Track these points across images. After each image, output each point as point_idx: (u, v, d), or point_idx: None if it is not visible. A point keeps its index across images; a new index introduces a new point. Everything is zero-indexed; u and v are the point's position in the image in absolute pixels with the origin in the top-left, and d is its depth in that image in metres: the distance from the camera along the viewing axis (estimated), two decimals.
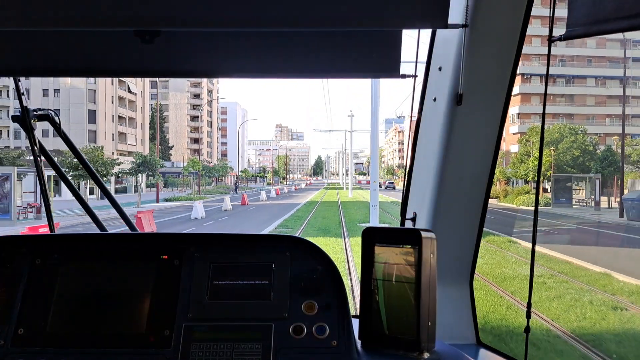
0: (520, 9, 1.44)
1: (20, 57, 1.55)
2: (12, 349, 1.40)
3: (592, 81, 64.48)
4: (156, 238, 1.60)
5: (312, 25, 1.33)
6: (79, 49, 1.53)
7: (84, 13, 1.25)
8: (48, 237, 1.61)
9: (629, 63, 61.20)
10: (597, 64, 63.16)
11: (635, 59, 61.75)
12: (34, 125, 1.80)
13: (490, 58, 1.49)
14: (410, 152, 1.76)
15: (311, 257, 1.52)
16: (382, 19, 1.28)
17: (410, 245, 1.33)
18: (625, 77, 43.90)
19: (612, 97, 63.57)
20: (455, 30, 1.48)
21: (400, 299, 1.35)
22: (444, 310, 1.58)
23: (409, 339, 1.33)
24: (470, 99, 1.50)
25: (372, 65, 1.52)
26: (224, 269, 1.50)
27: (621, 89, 62.58)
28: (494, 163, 1.59)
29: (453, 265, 1.68)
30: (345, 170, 75.65)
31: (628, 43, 59.10)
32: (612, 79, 63.07)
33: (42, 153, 1.86)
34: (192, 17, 1.26)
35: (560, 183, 32.33)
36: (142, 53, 1.50)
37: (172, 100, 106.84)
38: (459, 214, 1.63)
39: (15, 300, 1.46)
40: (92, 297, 1.47)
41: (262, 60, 1.52)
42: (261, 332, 1.41)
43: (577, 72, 59.38)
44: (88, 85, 66.73)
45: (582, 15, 1.24)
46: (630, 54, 59.82)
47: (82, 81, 66.85)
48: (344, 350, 1.40)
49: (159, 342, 1.40)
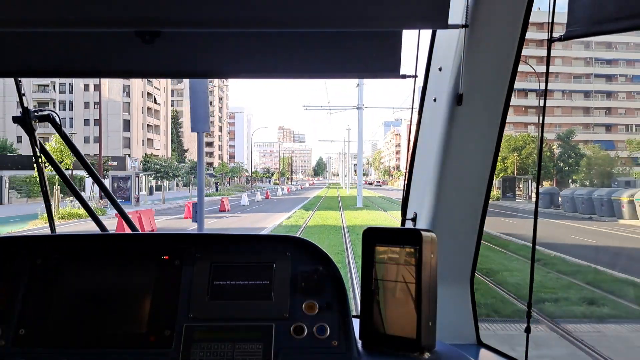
0: (520, 9, 1.40)
1: (20, 58, 1.51)
2: (13, 349, 1.35)
3: (559, 94, 74.01)
4: (157, 238, 1.55)
5: (312, 26, 1.31)
6: (79, 49, 1.48)
7: (84, 14, 1.22)
8: (48, 237, 1.55)
9: (591, 78, 71.96)
10: (563, 79, 73.17)
11: (597, 75, 72.47)
12: (34, 125, 1.74)
13: (490, 58, 1.45)
14: (410, 152, 1.72)
15: (312, 257, 1.48)
16: (382, 19, 1.25)
17: (410, 246, 1.31)
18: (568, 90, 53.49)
19: (576, 108, 73.38)
20: (456, 31, 1.44)
21: (401, 299, 1.32)
22: (444, 310, 1.52)
23: (409, 339, 1.29)
24: (471, 99, 1.47)
25: (372, 66, 1.49)
26: (225, 269, 1.46)
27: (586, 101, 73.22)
28: (494, 163, 1.55)
29: (453, 265, 1.64)
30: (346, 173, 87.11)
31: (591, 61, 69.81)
32: (576, 92, 73.59)
33: (42, 153, 1.80)
34: (193, 18, 1.24)
35: (507, 182, 42.27)
36: (143, 54, 1.46)
37: (187, 107, 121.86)
38: (460, 214, 1.59)
39: (16, 300, 1.41)
40: (92, 297, 1.42)
41: (262, 60, 1.49)
42: (262, 332, 1.37)
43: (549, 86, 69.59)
44: (123, 98, 71.00)
45: (582, 15, 1.23)
46: (593, 71, 70.54)
47: (118, 94, 74.40)
48: (345, 351, 1.36)
49: (159, 343, 1.36)
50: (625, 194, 23.89)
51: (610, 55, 68.74)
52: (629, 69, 68.79)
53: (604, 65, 68.20)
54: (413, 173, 1.71)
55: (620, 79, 68.84)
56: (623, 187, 28.29)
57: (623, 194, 24.16)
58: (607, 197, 24.39)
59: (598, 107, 67.06)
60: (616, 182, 34.12)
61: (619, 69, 68.65)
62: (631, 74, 68.88)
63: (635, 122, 65.13)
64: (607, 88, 68.10)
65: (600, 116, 66.39)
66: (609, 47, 69.14)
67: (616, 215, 23.20)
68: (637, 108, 69.63)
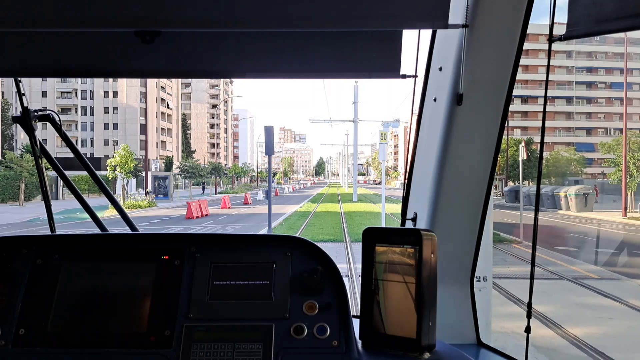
0: (520, 9, 1.37)
1: (20, 58, 1.48)
2: (13, 349, 1.33)
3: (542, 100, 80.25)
4: (157, 238, 1.51)
5: (313, 26, 1.28)
6: (79, 49, 1.45)
7: (85, 14, 1.20)
8: (48, 237, 1.51)
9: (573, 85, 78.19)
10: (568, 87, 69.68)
11: (578, 82, 78.65)
12: (34, 125, 1.71)
13: (490, 58, 1.42)
14: (410, 152, 1.69)
15: (312, 257, 1.45)
16: (382, 19, 1.23)
17: (410, 245, 1.30)
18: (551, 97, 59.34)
19: (559, 113, 72.51)
20: (456, 31, 1.40)
21: (401, 299, 1.31)
22: (444, 310, 1.50)
23: (409, 339, 1.28)
24: (471, 99, 1.44)
25: (373, 65, 1.46)
26: (225, 269, 1.43)
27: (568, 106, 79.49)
28: (495, 163, 1.52)
29: (453, 265, 1.61)
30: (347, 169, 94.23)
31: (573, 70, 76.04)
32: (559, 99, 75.14)
33: (42, 153, 1.77)
34: (193, 18, 1.22)
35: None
36: (143, 53, 1.43)
37: (194, 110, 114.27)
38: (460, 214, 1.56)
39: (16, 300, 1.38)
40: (92, 297, 1.39)
41: (262, 60, 1.46)
42: (262, 332, 1.34)
43: (530, 92, 74.22)
44: (140, 104, 74.04)
45: (582, 15, 1.22)
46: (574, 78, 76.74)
47: (135, 100, 75.12)
48: (345, 351, 1.34)
49: (159, 342, 1.33)
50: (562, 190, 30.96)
51: (590, 64, 74.11)
52: (608, 76, 74.74)
53: (585, 74, 71.41)
54: (413, 173, 1.67)
55: (599, 85, 74.58)
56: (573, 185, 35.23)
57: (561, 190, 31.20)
58: (551, 193, 31.19)
59: (579, 112, 73.13)
60: (567, 181, 41.10)
61: (598, 76, 71.37)
62: (610, 81, 74.87)
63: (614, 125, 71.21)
64: (588, 94, 71.43)
65: (581, 120, 72.63)
66: (589, 57, 75.53)
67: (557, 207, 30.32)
68: (616, 113, 76.12)
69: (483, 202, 1.56)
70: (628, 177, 28.44)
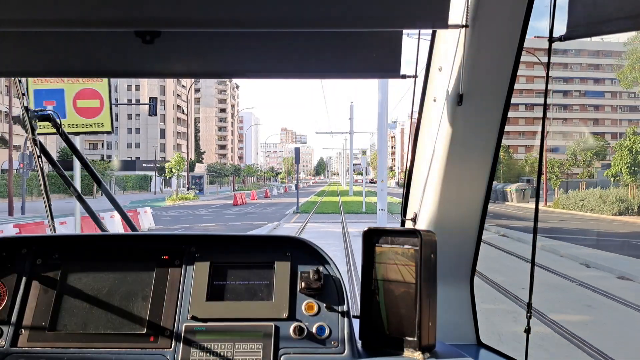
0: (520, 9, 1.34)
1: (21, 58, 1.45)
2: (13, 349, 1.30)
3: (522, 107, 75.49)
4: (156, 238, 1.48)
5: (313, 26, 1.24)
6: (79, 49, 1.42)
7: (84, 14, 1.17)
8: (49, 237, 1.48)
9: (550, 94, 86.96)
10: (526, 95, 73.78)
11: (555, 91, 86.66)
12: (34, 125, 1.69)
13: (490, 58, 1.39)
14: (410, 152, 1.65)
15: (312, 257, 1.41)
16: (382, 19, 1.20)
17: (410, 246, 1.28)
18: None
19: (537, 119, 74.44)
20: (456, 31, 1.37)
21: (401, 300, 1.28)
22: (444, 310, 1.48)
23: (409, 339, 1.26)
24: (471, 100, 1.40)
25: (373, 66, 1.44)
26: (225, 269, 1.40)
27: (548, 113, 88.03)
28: (495, 163, 1.49)
29: (453, 265, 1.58)
30: (346, 170, 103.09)
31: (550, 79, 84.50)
32: (537, 105, 74.05)
33: (42, 153, 1.73)
34: (193, 18, 1.19)
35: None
36: (143, 54, 1.40)
37: (203, 114, 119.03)
38: (460, 215, 1.52)
39: (16, 300, 1.36)
40: (92, 297, 1.35)
41: (262, 60, 1.44)
42: (262, 332, 1.31)
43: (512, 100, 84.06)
44: (160, 110, 78.96)
45: (582, 15, 1.21)
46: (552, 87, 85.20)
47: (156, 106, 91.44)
48: (345, 351, 1.31)
49: (159, 342, 1.31)
50: (508, 187, 41.31)
51: (566, 74, 78.02)
52: (582, 85, 76.48)
53: (561, 83, 75.28)
54: (413, 173, 1.62)
55: (574, 94, 76.23)
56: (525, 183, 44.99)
57: (507, 187, 41.51)
58: (502, 189, 41.62)
59: (556, 118, 77.15)
60: (521, 179, 48.86)
61: (573, 85, 75.79)
62: (584, 89, 76.26)
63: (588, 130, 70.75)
64: (564, 102, 75.00)
65: (557, 125, 76.90)
66: (565, 68, 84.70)
67: (506, 200, 40.66)
68: (590, 118, 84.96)
69: (483, 202, 1.51)
70: (554, 177, 39.35)
